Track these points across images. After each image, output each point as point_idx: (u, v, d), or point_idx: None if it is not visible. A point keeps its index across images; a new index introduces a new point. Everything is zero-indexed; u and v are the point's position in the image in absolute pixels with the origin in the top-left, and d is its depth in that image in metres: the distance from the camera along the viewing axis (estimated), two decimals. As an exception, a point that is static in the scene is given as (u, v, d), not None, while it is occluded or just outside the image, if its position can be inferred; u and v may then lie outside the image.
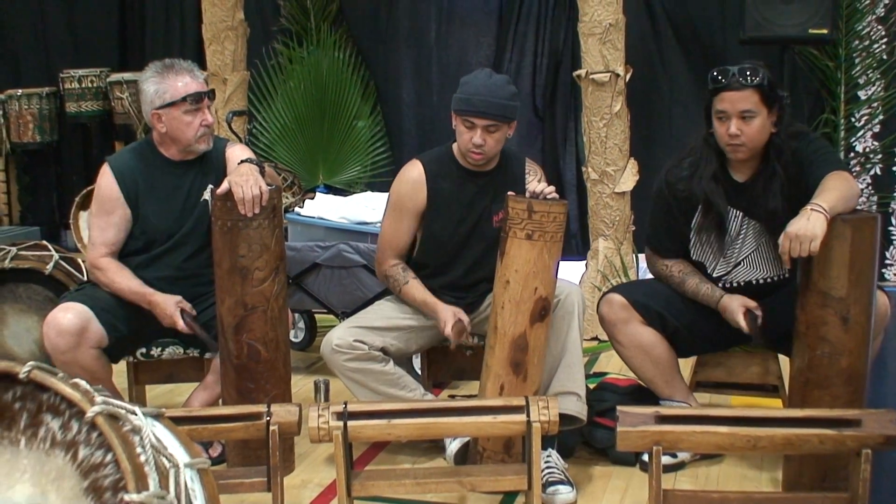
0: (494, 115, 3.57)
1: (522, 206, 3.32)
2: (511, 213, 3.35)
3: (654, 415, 2.99)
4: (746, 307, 3.51)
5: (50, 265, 4.54)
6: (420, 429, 3.19)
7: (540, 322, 3.39)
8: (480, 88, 3.60)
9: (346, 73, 6.98)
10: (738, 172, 3.56)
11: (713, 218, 3.56)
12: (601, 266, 5.46)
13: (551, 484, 3.40)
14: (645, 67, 6.19)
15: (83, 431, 2.04)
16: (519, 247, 3.34)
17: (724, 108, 3.40)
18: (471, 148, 3.62)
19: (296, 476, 3.72)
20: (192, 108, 3.70)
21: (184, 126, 3.71)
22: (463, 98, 3.61)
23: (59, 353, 3.54)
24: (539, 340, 3.41)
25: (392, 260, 3.83)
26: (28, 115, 7.49)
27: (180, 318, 3.64)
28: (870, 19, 5.85)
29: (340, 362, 3.65)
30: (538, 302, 3.37)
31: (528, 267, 3.34)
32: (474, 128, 3.59)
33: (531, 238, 3.32)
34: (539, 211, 3.31)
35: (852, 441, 2.91)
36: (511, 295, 3.37)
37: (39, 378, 2.06)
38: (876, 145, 5.95)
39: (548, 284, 3.38)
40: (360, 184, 6.78)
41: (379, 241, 3.89)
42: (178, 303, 3.68)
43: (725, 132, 3.41)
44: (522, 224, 3.32)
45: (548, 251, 3.34)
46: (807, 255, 3.07)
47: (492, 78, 3.66)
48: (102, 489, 2.00)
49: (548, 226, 3.32)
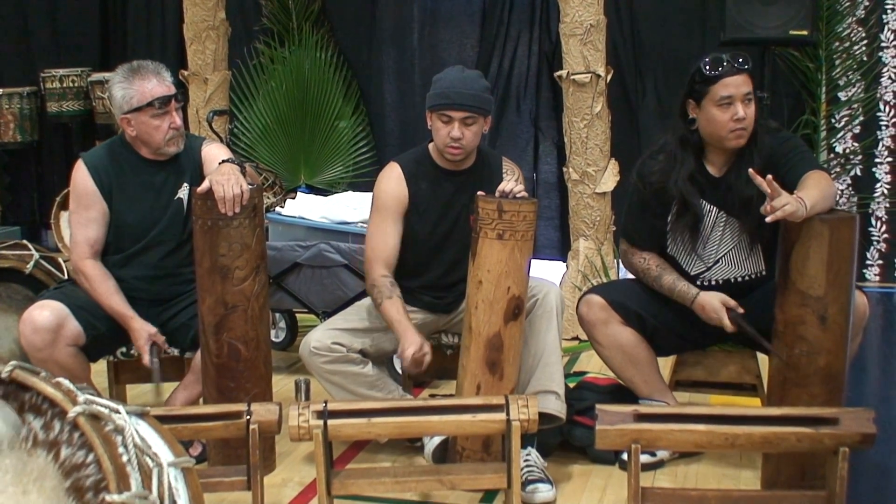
0: (471, 106, 3.59)
1: (492, 207, 3.34)
2: (481, 214, 3.37)
3: (633, 413, 3.00)
4: (727, 306, 3.52)
5: (30, 264, 4.53)
6: (400, 427, 3.20)
7: (514, 321, 3.40)
8: (455, 82, 3.62)
9: (328, 74, 6.96)
10: (714, 166, 3.57)
11: (689, 218, 3.57)
12: (582, 266, 5.47)
13: (531, 482, 3.41)
14: (626, 68, 6.21)
15: (65, 431, 2.04)
16: (490, 247, 3.36)
17: (729, 94, 3.40)
18: (448, 143, 3.63)
19: (276, 475, 3.72)
20: (159, 112, 3.69)
21: (152, 130, 3.71)
22: (438, 93, 3.63)
23: (35, 351, 3.54)
24: (514, 339, 3.42)
25: (382, 270, 3.74)
26: (9, 115, 7.44)
27: (147, 353, 3.66)
28: (850, 21, 5.88)
29: (318, 364, 3.65)
30: (511, 301, 3.38)
31: (499, 267, 3.36)
32: (451, 122, 3.60)
33: (502, 238, 3.34)
34: (509, 210, 3.33)
35: (830, 439, 2.93)
36: (484, 295, 3.39)
37: (21, 378, 2.06)
38: (856, 146, 5.98)
39: (520, 283, 3.39)
40: (343, 184, 6.77)
41: (367, 249, 3.82)
42: (153, 336, 3.69)
43: (730, 118, 3.41)
44: (493, 224, 3.34)
45: (519, 250, 3.36)
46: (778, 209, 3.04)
47: (465, 73, 3.69)
48: (84, 489, 2.00)
49: (518, 225, 3.34)
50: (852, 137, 5.99)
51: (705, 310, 3.54)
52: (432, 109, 3.64)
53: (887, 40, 5.89)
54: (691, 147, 3.54)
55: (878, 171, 5.99)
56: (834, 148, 5.99)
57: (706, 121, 3.47)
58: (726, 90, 3.41)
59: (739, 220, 3.54)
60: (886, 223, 5.99)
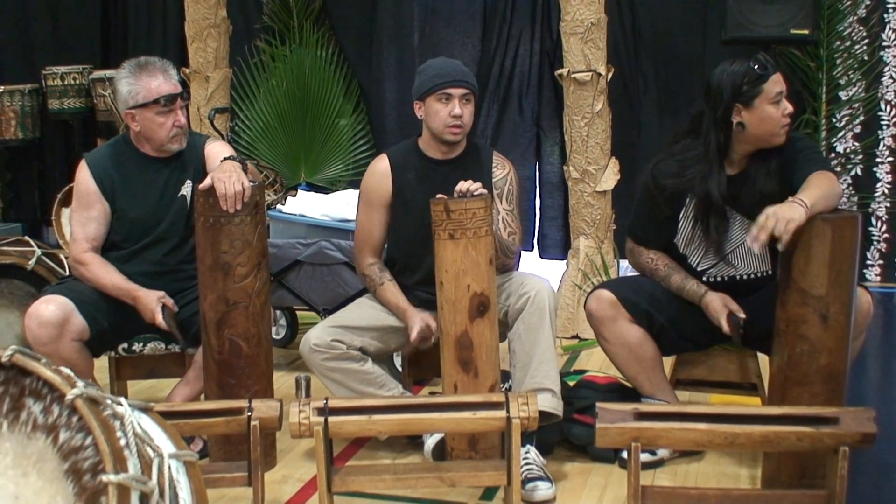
0: (468, 83, 3.71)
1: (440, 208, 3.40)
2: (433, 216, 3.42)
3: (633, 411, 3.00)
4: (729, 309, 3.52)
5: (32, 261, 4.54)
6: (400, 424, 3.20)
7: (480, 318, 3.42)
8: (445, 64, 3.77)
9: (328, 72, 6.96)
10: (730, 165, 3.58)
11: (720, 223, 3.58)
12: (582, 265, 5.48)
13: (530, 480, 3.41)
14: (627, 67, 6.21)
15: (64, 415, 2.05)
16: (444, 247, 3.41)
17: (780, 89, 3.45)
18: (449, 122, 3.68)
19: (277, 471, 3.72)
20: (164, 110, 3.73)
21: (156, 127, 3.74)
22: (434, 75, 3.71)
23: (40, 345, 3.54)
24: (483, 336, 3.44)
25: (369, 258, 3.88)
26: (10, 112, 7.45)
27: (160, 312, 3.65)
28: (851, 20, 5.87)
29: (318, 361, 3.67)
30: (473, 298, 3.40)
31: (456, 266, 3.39)
32: (451, 100, 3.67)
33: (453, 237, 3.38)
34: (455, 210, 3.37)
35: (830, 438, 2.93)
36: (446, 296, 3.43)
37: (21, 362, 2.07)
38: (857, 146, 5.98)
39: (481, 280, 3.41)
40: (343, 182, 6.77)
41: (355, 238, 3.95)
42: (161, 298, 3.69)
43: (782, 113, 3.45)
44: (444, 225, 3.39)
45: (473, 247, 3.39)
46: (779, 235, 3.07)
47: (449, 60, 3.84)
48: (82, 472, 2.01)
49: (468, 223, 3.37)
50: (853, 137, 5.99)
51: (709, 310, 3.56)
52: (430, 92, 3.69)
53: (888, 39, 5.89)
54: (724, 154, 3.55)
55: (878, 170, 5.98)
56: (834, 147, 5.99)
57: (759, 120, 3.46)
58: (777, 86, 3.45)
59: (750, 218, 3.54)
60: (887, 223, 5.99)
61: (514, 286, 3.68)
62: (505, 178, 3.84)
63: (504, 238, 3.72)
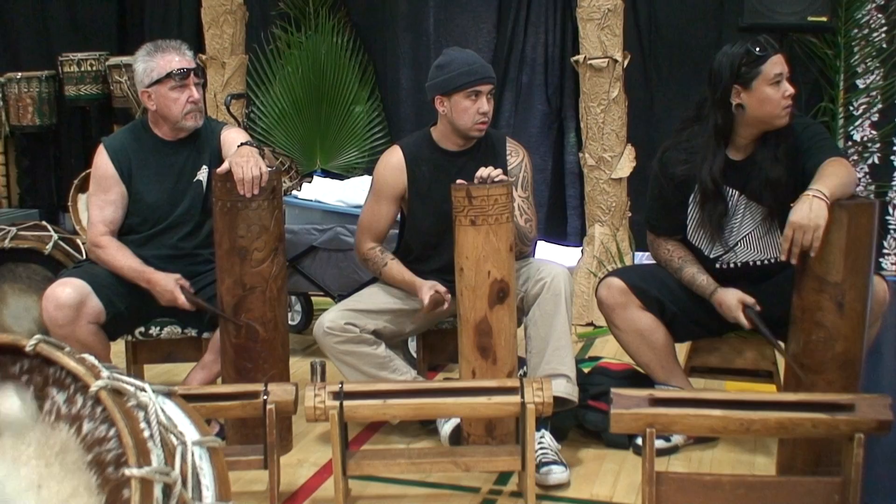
0: (493, 78, 3.74)
1: (462, 194, 3.40)
2: (454, 202, 3.42)
3: (648, 397, 3.01)
4: (744, 303, 3.51)
5: (49, 245, 4.57)
6: (415, 409, 3.22)
7: (500, 304, 3.43)
8: (469, 58, 3.74)
9: (344, 59, 6.97)
10: (737, 151, 3.57)
11: (717, 207, 3.57)
12: (597, 252, 5.47)
13: (545, 464, 3.41)
14: (644, 53, 6.19)
15: (87, 406, 2.06)
16: (465, 233, 3.41)
17: (779, 71, 3.43)
18: (478, 120, 3.69)
19: (292, 455, 3.73)
20: (178, 85, 3.77)
21: (171, 102, 3.77)
22: (462, 72, 3.68)
23: (57, 328, 3.56)
24: (502, 323, 3.44)
25: (370, 243, 3.88)
26: (27, 99, 7.49)
27: (181, 294, 3.66)
28: (869, 7, 5.83)
29: (332, 344, 3.68)
30: (494, 285, 3.41)
31: (477, 252, 3.40)
32: (480, 96, 3.68)
33: (475, 223, 3.39)
34: (478, 196, 3.37)
35: (845, 425, 2.93)
36: (466, 282, 3.43)
37: (46, 352, 2.08)
38: (874, 134, 5.95)
39: (501, 266, 3.41)
40: (358, 168, 6.79)
41: (359, 223, 3.95)
42: (178, 280, 3.70)
43: (782, 95, 3.43)
44: (465, 211, 3.40)
45: (494, 234, 3.39)
46: (809, 244, 3.08)
47: (466, 51, 3.82)
48: (105, 463, 2.02)
49: (489, 209, 3.38)
50: (870, 125, 5.96)
51: (722, 308, 3.54)
52: (459, 89, 3.67)
53: (906, 27, 5.86)
54: (723, 137, 3.54)
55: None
56: (851, 136, 5.96)
57: (758, 102, 3.44)
58: (776, 68, 3.43)
59: (761, 203, 3.53)
60: (903, 211, 5.98)
61: (531, 272, 3.69)
62: (520, 166, 3.84)
63: (521, 225, 3.72)
